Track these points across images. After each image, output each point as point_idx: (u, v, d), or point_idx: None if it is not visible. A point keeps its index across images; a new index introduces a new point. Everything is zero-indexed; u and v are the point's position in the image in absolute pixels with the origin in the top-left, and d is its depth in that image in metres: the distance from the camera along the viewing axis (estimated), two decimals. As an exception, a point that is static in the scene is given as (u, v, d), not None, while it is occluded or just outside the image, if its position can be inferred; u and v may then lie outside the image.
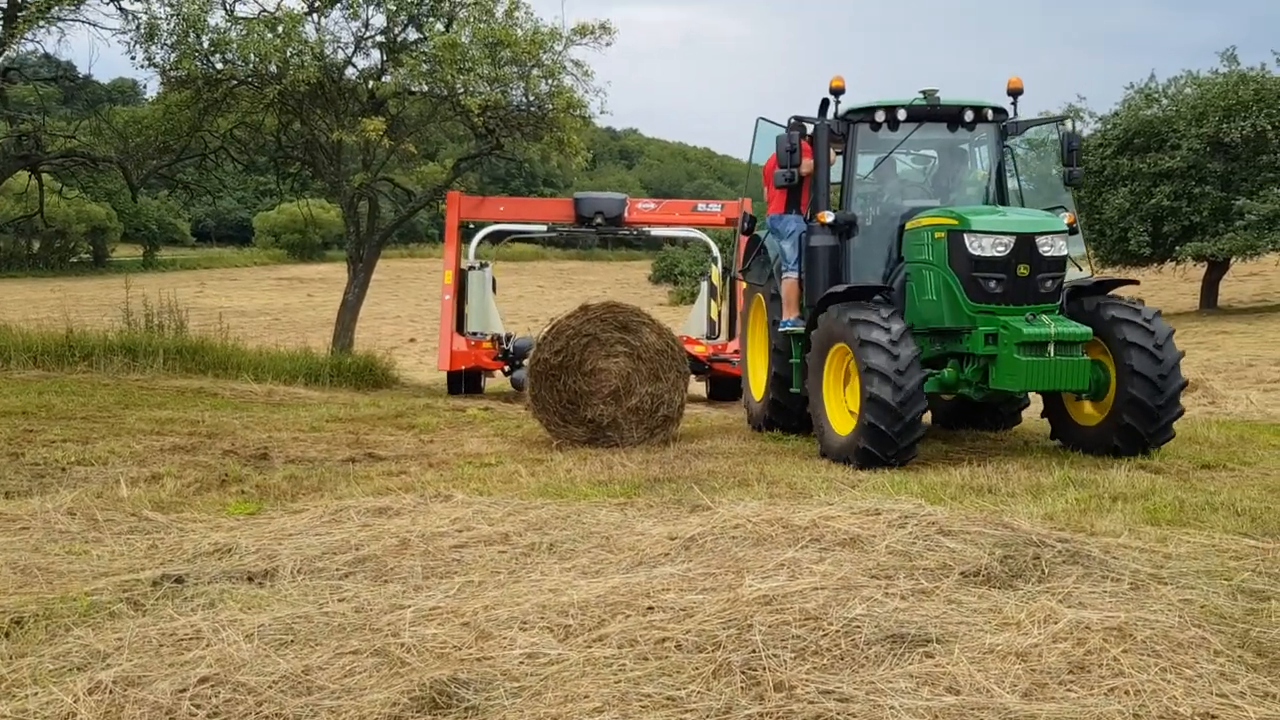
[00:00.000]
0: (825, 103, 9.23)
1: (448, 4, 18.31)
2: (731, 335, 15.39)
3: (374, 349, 19.11)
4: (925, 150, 9.79)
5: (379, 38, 18.81)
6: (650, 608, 3.99)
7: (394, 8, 18.19)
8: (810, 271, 9.23)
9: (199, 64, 16.43)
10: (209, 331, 17.18)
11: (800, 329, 9.31)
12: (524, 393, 10.49)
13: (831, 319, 8.40)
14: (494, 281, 15.85)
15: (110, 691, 3.35)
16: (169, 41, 16.31)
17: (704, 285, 16.31)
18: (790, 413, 9.90)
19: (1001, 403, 9.40)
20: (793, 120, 9.25)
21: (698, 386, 15.32)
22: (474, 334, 15.07)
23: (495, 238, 17.99)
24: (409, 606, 4.14)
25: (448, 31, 17.59)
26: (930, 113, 9.10)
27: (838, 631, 3.61)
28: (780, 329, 9.75)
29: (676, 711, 3.15)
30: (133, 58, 17.26)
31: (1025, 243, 8.17)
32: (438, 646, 3.72)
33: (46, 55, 21.51)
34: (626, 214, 15.84)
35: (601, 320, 9.37)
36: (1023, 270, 8.16)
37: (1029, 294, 8.20)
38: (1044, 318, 8.05)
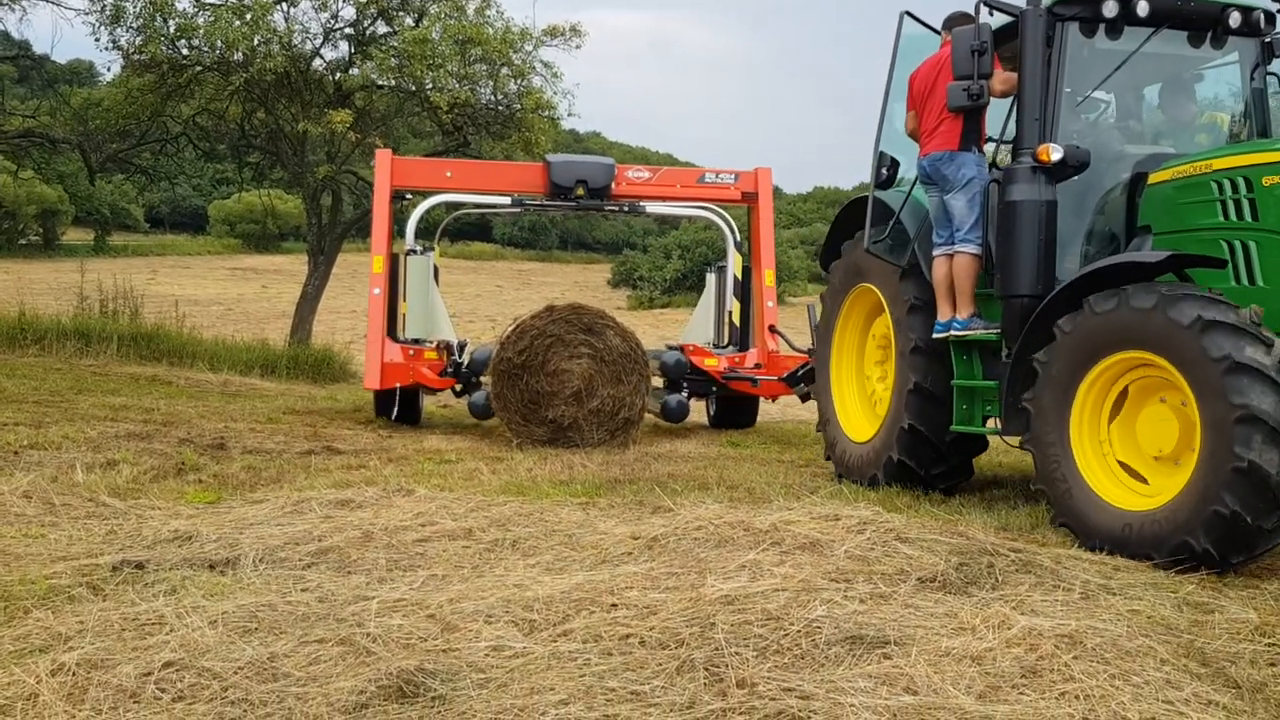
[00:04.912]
0: None
1: (418, -1, 18.32)
2: (744, 346, 12.00)
3: (331, 343, 19.00)
4: (1100, 92, 6.76)
5: (348, 30, 18.77)
6: (614, 605, 4.04)
7: (364, 1, 18.14)
8: (1009, 242, 6.12)
9: (164, 48, 16.26)
10: (164, 319, 16.99)
11: (981, 333, 6.51)
12: (484, 421, 10.28)
13: (1127, 309, 5.26)
14: (436, 271, 11.68)
15: (73, 673, 3.34)
16: (135, 24, 16.16)
17: (712, 279, 12.48)
18: (939, 451, 6.91)
19: None
20: (980, 8, 6.28)
21: (691, 406, 11.29)
22: (414, 340, 11.22)
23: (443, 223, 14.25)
24: (373, 598, 4.16)
25: (418, 27, 17.58)
26: (1181, 11, 6.24)
27: (799, 631, 3.68)
28: (936, 334, 6.74)
29: (640, 705, 3.20)
30: (97, 39, 17.12)
31: None
32: (403, 637, 3.74)
33: (4, 33, 21.18)
34: (614, 184, 12.03)
35: (566, 321, 9.41)
36: None
37: None
38: None
